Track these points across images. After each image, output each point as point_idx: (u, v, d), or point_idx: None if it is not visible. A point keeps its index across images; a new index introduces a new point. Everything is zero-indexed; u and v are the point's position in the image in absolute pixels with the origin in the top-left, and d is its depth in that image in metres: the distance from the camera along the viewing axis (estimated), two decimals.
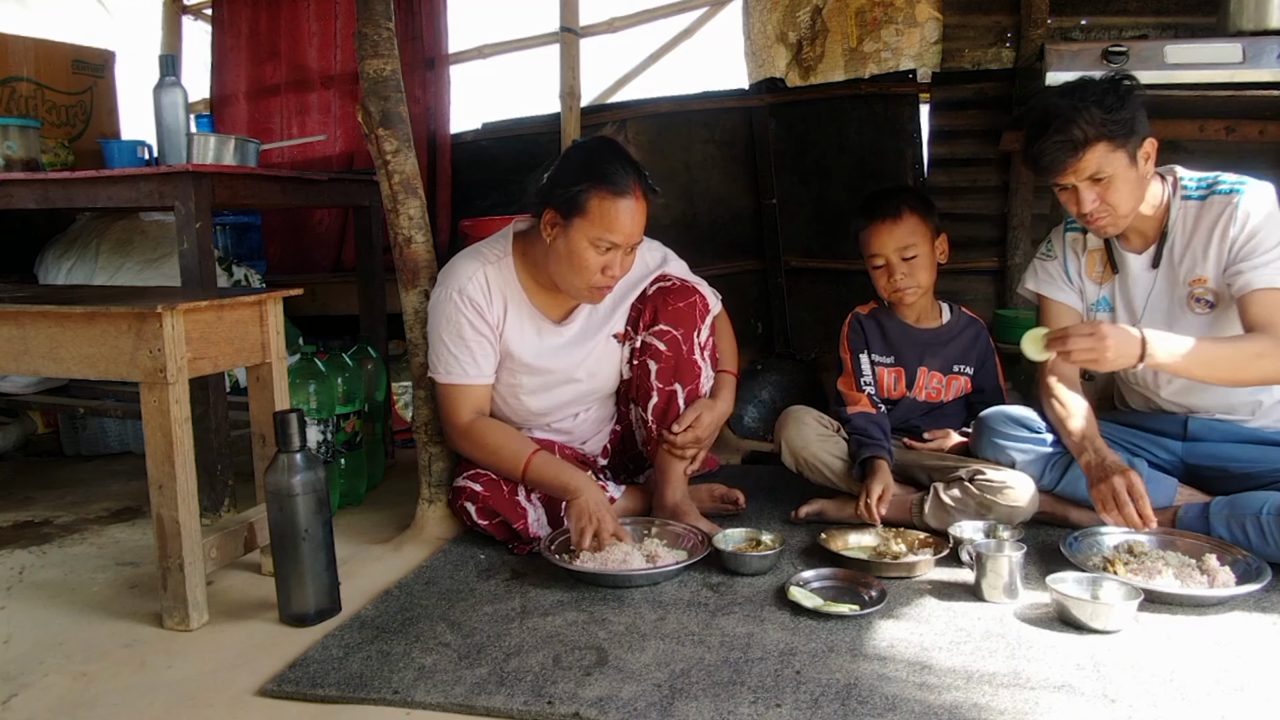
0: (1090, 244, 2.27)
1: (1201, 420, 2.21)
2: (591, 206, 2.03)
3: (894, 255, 2.36)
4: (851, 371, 2.47)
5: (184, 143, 2.59)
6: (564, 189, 2.05)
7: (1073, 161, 1.98)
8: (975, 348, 2.49)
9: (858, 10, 3.82)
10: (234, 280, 3.19)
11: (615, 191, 2.03)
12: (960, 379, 2.48)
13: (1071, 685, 1.53)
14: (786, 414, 2.44)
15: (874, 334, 2.49)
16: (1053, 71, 2.54)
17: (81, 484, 2.95)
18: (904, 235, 2.36)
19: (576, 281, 2.11)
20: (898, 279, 2.37)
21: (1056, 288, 2.30)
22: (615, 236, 2.05)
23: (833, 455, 2.35)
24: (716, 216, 3.93)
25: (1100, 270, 2.26)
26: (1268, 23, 2.55)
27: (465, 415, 2.20)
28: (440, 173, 4.02)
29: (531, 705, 1.49)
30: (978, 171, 3.59)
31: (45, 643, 1.82)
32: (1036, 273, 2.34)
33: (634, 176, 2.06)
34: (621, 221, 2.04)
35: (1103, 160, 1.98)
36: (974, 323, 2.53)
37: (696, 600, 1.90)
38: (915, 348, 2.47)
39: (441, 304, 2.18)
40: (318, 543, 1.83)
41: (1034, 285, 2.35)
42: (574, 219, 2.05)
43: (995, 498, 2.14)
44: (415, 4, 3.97)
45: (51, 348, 1.88)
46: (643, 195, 2.08)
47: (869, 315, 2.52)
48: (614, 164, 2.06)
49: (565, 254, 2.08)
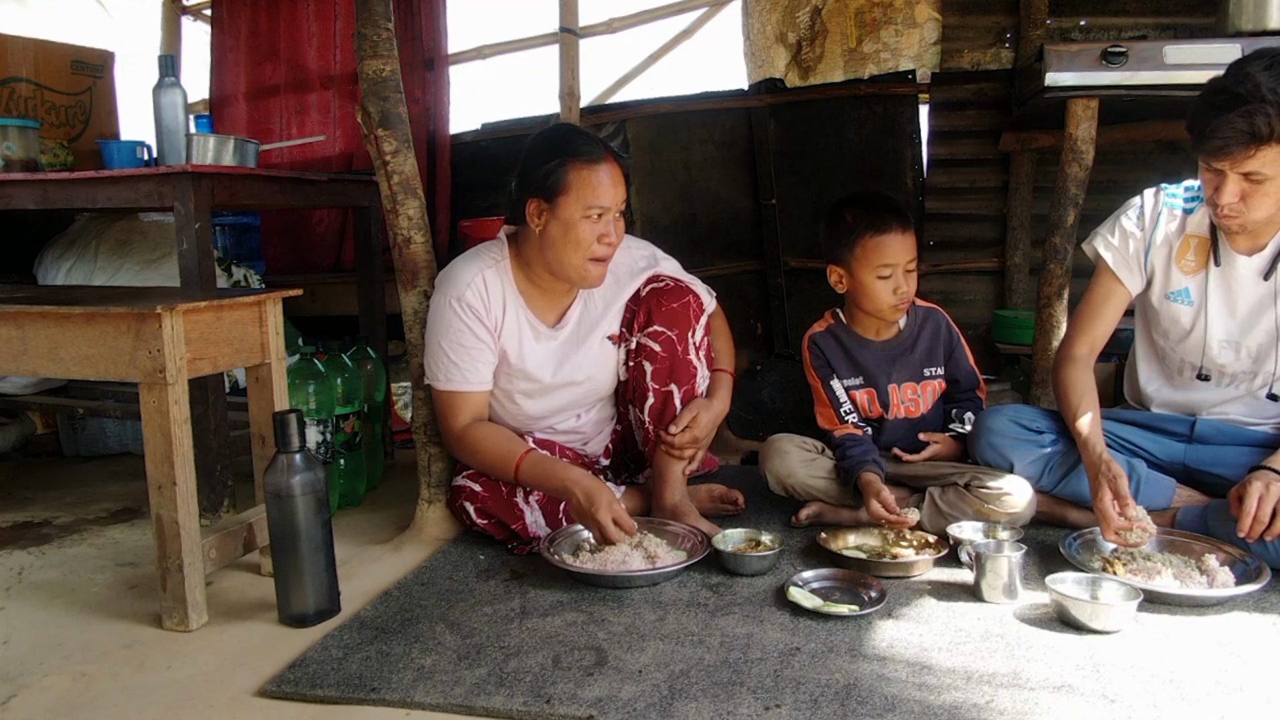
0: (1190, 227, 2.10)
1: (1210, 421, 2.18)
2: (571, 179, 2.07)
3: (903, 266, 2.27)
4: (828, 401, 2.39)
5: (183, 143, 2.59)
6: (538, 174, 2.09)
7: (1242, 153, 1.82)
8: (938, 343, 2.40)
9: (857, 11, 3.83)
10: (233, 281, 3.19)
11: (590, 159, 2.08)
12: (934, 382, 2.40)
13: (1071, 685, 1.53)
14: (768, 446, 2.38)
15: (836, 355, 2.40)
16: (1052, 72, 2.54)
17: (81, 484, 2.95)
18: (913, 247, 2.29)
19: (575, 259, 2.11)
20: (905, 288, 2.28)
21: (1126, 266, 2.15)
22: (603, 199, 2.08)
23: (818, 477, 2.32)
24: (716, 217, 3.94)
25: (1193, 261, 2.10)
26: (1267, 23, 2.55)
27: (462, 421, 2.19)
28: (440, 173, 4.02)
29: (531, 706, 1.49)
30: (977, 172, 3.59)
31: (44, 643, 1.82)
32: (1112, 238, 2.16)
33: (600, 145, 2.11)
34: (604, 185, 2.08)
35: (1270, 162, 1.83)
36: (930, 314, 2.42)
37: (696, 601, 1.90)
38: (881, 365, 2.38)
39: (441, 311, 2.17)
40: (317, 543, 1.83)
41: (1104, 250, 2.17)
42: (558, 198, 2.08)
43: (993, 505, 2.13)
44: (415, 4, 3.97)
45: (51, 348, 1.88)
46: (614, 159, 2.12)
47: (826, 334, 2.43)
48: (577, 136, 2.13)
49: (559, 234, 2.09)
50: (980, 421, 2.25)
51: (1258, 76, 1.79)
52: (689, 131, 3.89)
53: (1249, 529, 1.87)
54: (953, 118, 3.59)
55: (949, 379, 2.42)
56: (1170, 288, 2.14)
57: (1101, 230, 2.21)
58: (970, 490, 2.15)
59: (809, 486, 2.32)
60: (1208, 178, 1.94)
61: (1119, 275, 2.17)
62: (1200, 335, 2.12)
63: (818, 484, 2.32)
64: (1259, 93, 1.78)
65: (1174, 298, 2.13)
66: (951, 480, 2.20)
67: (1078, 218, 2.66)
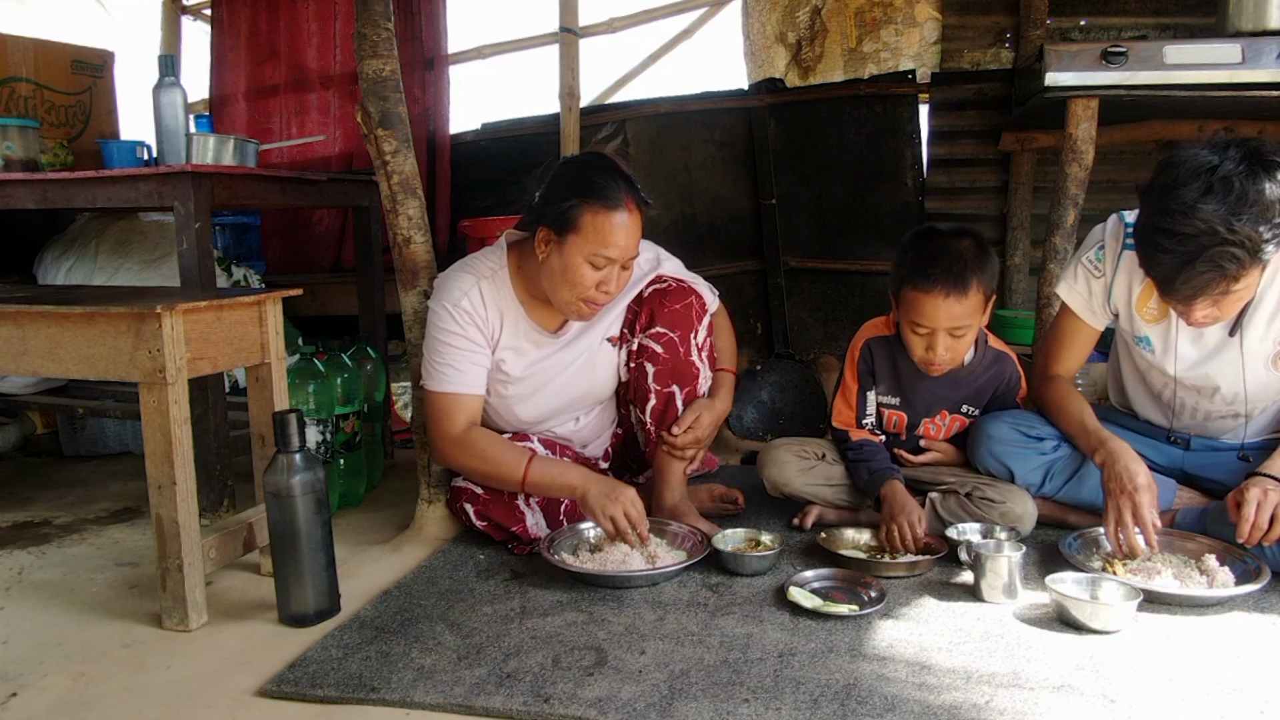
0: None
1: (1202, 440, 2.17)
2: (585, 222, 2.00)
3: (944, 331, 2.06)
4: (855, 404, 2.29)
5: (183, 143, 2.59)
6: (556, 206, 2.02)
7: (1219, 289, 1.74)
8: (992, 389, 2.25)
9: (857, 10, 3.83)
10: (233, 280, 3.19)
11: (608, 205, 2.00)
12: (964, 419, 2.28)
13: (1071, 685, 1.53)
14: (765, 453, 2.35)
15: (884, 368, 2.26)
16: (1052, 72, 2.54)
17: (80, 484, 2.94)
18: (962, 314, 2.03)
19: (568, 297, 2.06)
20: (938, 352, 2.08)
21: (1090, 309, 2.11)
22: (610, 251, 2.01)
23: (815, 485, 2.30)
24: (716, 217, 3.94)
25: (1154, 309, 2.02)
26: (1267, 23, 2.55)
27: (459, 425, 2.14)
28: (440, 173, 4.02)
29: (531, 706, 1.49)
30: (977, 172, 3.59)
31: (44, 643, 1.82)
32: (1075, 283, 2.12)
33: (626, 189, 2.03)
34: (616, 235, 2.01)
35: (1246, 284, 1.75)
36: (999, 360, 2.24)
37: (696, 601, 1.90)
38: (927, 395, 2.25)
39: (437, 315, 2.15)
40: (317, 543, 1.83)
41: (1066, 295, 2.13)
42: (568, 235, 2.02)
43: (993, 515, 2.12)
44: (415, 4, 3.98)
45: (50, 348, 1.88)
46: (636, 208, 2.05)
47: (881, 344, 2.27)
48: (604, 177, 2.03)
49: (560, 270, 2.04)
50: (980, 428, 2.21)
51: (1204, 212, 1.67)
52: (689, 131, 3.88)
53: (1248, 535, 1.86)
54: (953, 118, 3.59)
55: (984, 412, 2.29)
56: (1135, 332, 2.08)
57: (1064, 274, 2.17)
58: (971, 500, 2.15)
59: (805, 494, 2.30)
60: (1180, 310, 1.87)
61: (1084, 317, 2.15)
62: (1170, 385, 2.09)
63: (816, 491, 2.30)
64: (1215, 234, 1.67)
65: (1139, 343, 2.09)
66: (952, 488, 2.20)
67: (1078, 218, 2.66)
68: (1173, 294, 1.80)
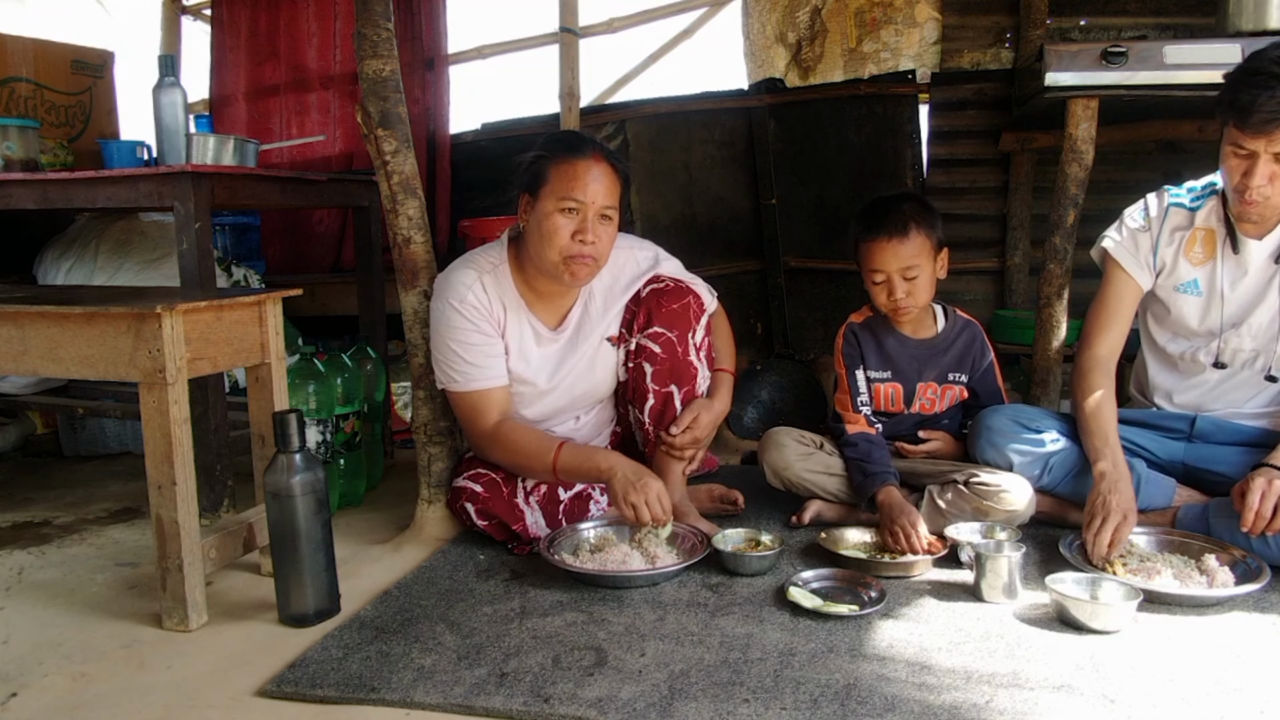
0: (1198, 221, 2.16)
1: (1210, 419, 2.20)
2: (551, 172, 2.07)
3: (896, 274, 2.24)
4: (848, 389, 2.39)
5: (183, 143, 2.59)
6: (528, 170, 2.12)
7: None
8: (970, 353, 2.39)
9: (857, 10, 3.83)
10: (233, 281, 3.19)
11: (572, 155, 2.08)
12: (955, 388, 2.39)
13: (1071, 685, 1.53)
14: (766, 438, 2.40)
15: (870, 346, 2.39)
16: (1052, 72, 2.54)
17: (80, 484, 2.95)
18: (909, 255, 2.23)
19: (553, 256, 2.08)
20: (898, 297, 2.26)
21: (1136, 262, 2.20)
22: (578, 194, 2.05)
23: (814, 472, 2.32)
24: (716, 217, 3.94)
25: (1201, 253, 2.15)
26: (1267, 23, 2.55)
27: (492, 419, 2.16)
28: (440, 173, 4.02)
29: (531, 706, 1.49)
30: (977, 172, 3.59)
31: (44, 643, 1.82)
32: (1120, 238, 2.22)
33: (595, 147, 2.11)
34: (581, 178, 2.05)
35: None
36: (968, 326, 2.43)
37: (696, 601, 1.90)
38: (913, 362, 2.37)
39: (444, 314, 2.15)
40: (317, 543, 1.83)
41: (1113, 250, 2.21)
42: (539, 190, 2.09)
43: (991, 502, 2.13)
44: (415, 4, 3.98)
45: (50, 348, 1.88)
46: (604, 160, 2.09)
47: (863, 325, 2.41)
48: (572, 136, 2.16)
49: (538, 228, 2.09)
50: (980, 420, 2.26)
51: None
52: (689, 131, 3.89)
53: (1251, 524, 1.89)
54: (952, 118, 3.59)
55: (972, 391, 2.41)
56: (1179, 280, 2.18)
57: (1108, 232, 2.26)
58: (969, 487, 2.15)
59: (805, 480, 2.33)
60: (1235, 163, 1.98)
61: (1129, 271, 2.20)
62: (1216, 321, 2.16)
63: (815, 479, 2.32)
64: None
65: (1183, 289, 2.18)
66: (950, 478, 2.20)
67: (1078, 218, 2.66)
68: (1245, 121, 1.90)
